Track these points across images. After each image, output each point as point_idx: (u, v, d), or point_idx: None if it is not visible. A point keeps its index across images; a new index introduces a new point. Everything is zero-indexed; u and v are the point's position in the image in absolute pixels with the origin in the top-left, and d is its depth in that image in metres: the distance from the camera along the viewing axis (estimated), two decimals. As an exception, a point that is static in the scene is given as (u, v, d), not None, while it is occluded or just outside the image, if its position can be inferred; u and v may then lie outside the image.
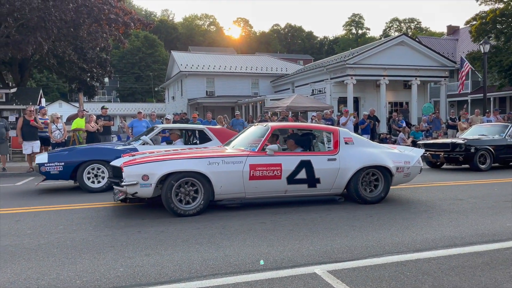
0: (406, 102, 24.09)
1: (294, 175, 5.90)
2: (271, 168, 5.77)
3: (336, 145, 6.27)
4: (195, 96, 30.28)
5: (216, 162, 5.60)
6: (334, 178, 6.12)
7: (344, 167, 6.12)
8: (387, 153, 6.57)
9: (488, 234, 4.56)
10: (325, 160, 6.09)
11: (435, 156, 11.47)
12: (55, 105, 47.60)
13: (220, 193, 5.65)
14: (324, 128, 6.91)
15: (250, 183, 5.71)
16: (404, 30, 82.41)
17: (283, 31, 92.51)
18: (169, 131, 9.57)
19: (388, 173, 6.37)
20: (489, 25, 25.03)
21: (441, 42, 37.01)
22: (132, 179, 5.36)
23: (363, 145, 6.50)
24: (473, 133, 12.47)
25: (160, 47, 68.50)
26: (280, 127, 7.24)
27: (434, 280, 3.23)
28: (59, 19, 16.02)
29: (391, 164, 6.37)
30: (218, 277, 3.33)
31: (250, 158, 5.75)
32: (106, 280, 3.28)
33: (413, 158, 6.73)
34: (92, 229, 4.88)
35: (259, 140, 6.08)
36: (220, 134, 8.86)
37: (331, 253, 3.92)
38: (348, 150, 6.25)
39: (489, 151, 10.96)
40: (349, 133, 6.66)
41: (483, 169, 10.82)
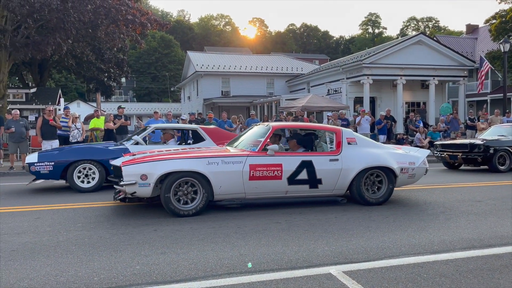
0: (423, 102, 23.77)
1: (295, 176, 5.83)
2: (271, 168, 5.72)
3: (338, 145, 6.19)
4: (210, 96, 30.43)
5: (216, 162, 5.55)
6: (336, 179, 6.04)
7: (346, 167, 6.04)
8: (391, 154, 6.46)
9: (507, 237, 4.47)
10: (327, 161, 6.02)
11: (453, 157, 11.29)
12: (73, 105, 48.36)
13: (220, 193, 5.61)
14: (327, 128, 6.86)
15: (250, 183, 5.66)
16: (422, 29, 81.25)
17: (298, 30, 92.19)
18: (162, 131, 9.48)
19: (392, 174, 6.26)
20: (510, 23, 24.55)
21: (460, 41, 36.38)
22: (131, 178, 5.35)
23: (366, 146, 6.40)
24: (492, 134, 12.23)
25: (176, 47, 69.04)
26: (282, 127, 7.17)
27: (452, 283, 3.18)
28: (78, 20, 16.30)
29: (395, 165, 6.26)
30: (233, 276, 3.35)
31: (250, 158, 5.71)
32: (123, 277, 3.32)
33: (418, 159, 6.60)
34: (110, 227, 4.96)
35: (260, 140, 6.03)
36: (213, 134, 8.79)
37: (347, 254, 3.90)
38: (351, 151, 6.16)
39: (509, 152, 10.76)
40: (352, 133, 6.56)
41: (503, 170, 10.62)
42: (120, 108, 13.80)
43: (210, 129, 9.22)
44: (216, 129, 9.49)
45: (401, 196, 7.05)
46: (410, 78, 22.02)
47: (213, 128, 9.61)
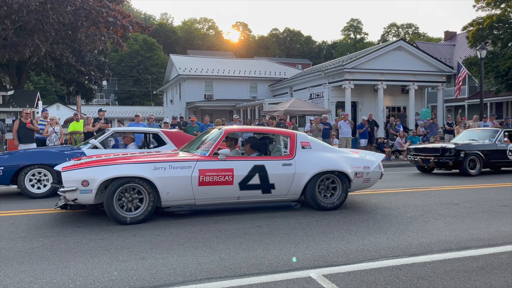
0: (403, 106, 24.17)
1: (247, 181, 5.70)
2: (222, 173, 5.56)
3: (292, 149, 6.10)
4: (193, 99, 30.30)
5: (163, 167, 5.36)
6: (290, 183, 5.94)
7: (300, 172, 5.95)
8: (346, 158, 6.41)
9: (483, 239, 4.56)
10: (280, 165, 5.90)
11: (425, 161, 11.45)
12: (53, 107, 47.59)
13: (167, 199, 5.40)
14: (281, 132, 6.80)
15: (199, 189, 5.48)
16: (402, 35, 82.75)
17: (281, 35, 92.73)
18: (122, 134, 9.16)
19: (346, 179, 6.21)
20: (486, 30, 25.17)
21: (439, 48, 37.16)
22: (71, 184, 5.12)
23: (321, 150, 6.32)
24: (463, 138, 12.46)
25: (159, 50, 68.59)
26: (234, 131, 6.94)
27: (429, 285, 3.22)
28: (57, 22, 16.04)
29: (349, 169, 6.22)
30: (213, 281, 3.32)
31: (200, 163, 5.54)
32: (100, 284, 3.26)
33: (373, 163, 6.57)
34: (87, 233, 4.86)
35: (212, 144, 5.89)
36: (175, 138, 8.53)
37: (327, 257, 3.91)
38: (305, 155, 6.08)
39: (479, 156, 10.92)
40: (306, 137, 6.44)
41: (473, 174, 10.79)
42: (100, 111, 13.61)
43: (172, 132, 8.93)
44: (179, 133, 9.15)
45: (381, 199, 7.12)
46: (390, 83, 22.38)
47: (176, 131, 9.27)
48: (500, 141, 11.48)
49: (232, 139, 6.66)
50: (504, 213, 5.98)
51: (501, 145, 11.37)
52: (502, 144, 11.43)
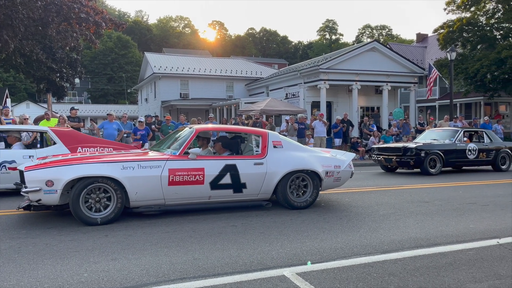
0: (377, 107, 24.61)
1: (218, 180, 5.65)
2: (192, 172, 5.50)
3: (264, 148, 6.08)
4: (168, 98, 29.96)
5: (131, 166, 5.26)
6: (261, 182, 5.93)
7: (271, 171, 5.94)
8: (317, 157, 6.43)
9: (452, 235, 4.69)
10: (251, 164, 5.89)
11: (388, 160, 11.61)
12: (22, 105, 46.12)
13: (136, 200, 5.31)
14: (253, 131, 6.78)
15: (169, 188, 5.41)
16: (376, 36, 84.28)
17: (258, 35, 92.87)
18: (6, 133, 8.65)
19: (317, 178, 6.24)
20: (456, 33, 25.93)
21: (411, 49, 38.03)
22: (34, 185, 4.93)
23: (292, 149, 6.33)
24: (425, 138, 12.68)
25: (133, 48, 67.48)
26: (205, 130, 6.87)
27: (400, 281, 3.29)
28: (27, 17, 15.52)
29: (320, 168, 6.25)
30: (186, 281, 3.28)
31: (169, 162, 5.47)
32: (69, 286, 3.17)
33: (344, 163, 6.61)
34: (57, 234, 4.73)
35: (182, 143, 5.81)
36: (65, 137, 7.98)
37: (301, 256, 3.93)
38: (276, 154, 6.08)
39: (439, 155, 11.13)
40: (278, 136, 6.45)
41: (433, 173, 10.98)
42: (72, 110, 13.30)
43: (63, 131, 8.33)
44: (71, 132, 8.55)
45: (354, 198, 7.23)
46: (364, 83, 22.73)
47: (68, 130, 8.70)
48: (460, 140, 11.73)
49: (204, 139, 6.59)
50: (472, 210, 6.17)
51: (460, 145, 11.61)
52: (462, 144, 11.68)
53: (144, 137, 12.83)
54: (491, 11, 25.83)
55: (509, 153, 12.32)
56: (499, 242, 4.42)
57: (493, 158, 12.07)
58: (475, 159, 11.79)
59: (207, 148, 6.58)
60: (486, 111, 29.81)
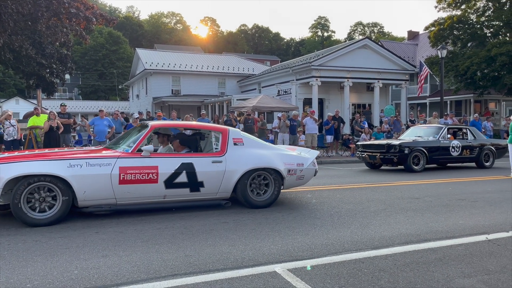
0: (368, 104, 24.73)
1: (173, 179, 5.45)
2: (145, 171, 5.29)
3: (223, 146, 5.90)
4: (160, 94, 29.81)
5: (79, 164, 5.02)
6: (220, 181, 5.74)
7: (230, 169, 5.76)
8: (280, 155, 6.26)
9: (442, 231, 4.74)
10: (209, 162, 5.70)
11: (372, 157, 11.55)
12: (12, 101, 45.65)
13: (84, 199, 5.08)
14: (212, 128, 6.61)
15: (120, 187, 5.19)
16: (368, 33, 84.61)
17: (250, 31, 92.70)
18: None
19: (279, 176, 6.08)
20: (447, 31, 26.08)
21: (402, 47, 38.23)
22: None
23: (253, 146, 6.15)
24: (410, 135, 12.65)
25: (124, 44, 67.00)
26: (162, 126, 6.60)
27: (390, 276, 3.32)
28: (16, 12, 15.32)
29: (282, 166, 6.09)
30: (178, 277, 3.28)
31: (120, 160, 5.25)
32: (59, 283, 3.15)
33: (307, 160, 6.45)
34: (46, 231, 4.69)
35: (136, 140, 5.62)
36: None
37: (292, 252, 3.95)
38: (236, 152, 5.91)
39: (423, 152, 11.13)
40: (239, 133, 6.26)
41: (417, 170, 10.98)
42: (62, 106, 13.17)
43: None
44: None
45: (346, 194, 7.27)
46: (356, 80, 22.82)
47: None
48: (444, 137, 11.72)
49: (164, 135, 6.38)
50: (461, 206, 6.23)
51: (444, 142, 11.61)
52: (445, 141, 11.67)
53: None
54: (482, 9, 26.03)
55: (493, 150, 12.33)
56: (488, 238, 4.47)
57: (477, 155, 12.08)
58: (459, 156, 11.81)
59: (168, 145, 6.36)
60: (476, 109, 30.10)
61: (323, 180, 9.35)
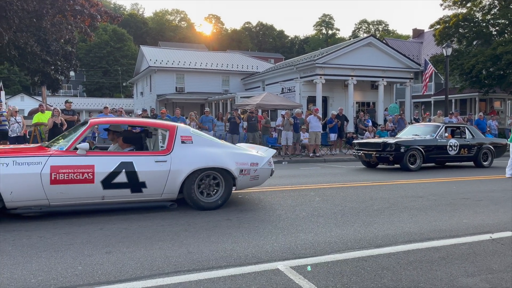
0: (373, 102, 24.66)
1: (111, 179, 5.14)
2: (80, 170, 4.98)
3: (170, 144, 5.58)
4: (164, 92, 29.86)
5: (5, 162, 4.73)
6: (164, 181, 5.41)
7: (175, 169, 5.44)
8: (232, 154, 5.92)
9: (445, 230, 4.72)
10: (152, 162, 5.38)
11: (368, 156, 11.38)
12: (17, 98, 45.86)
13: (12, 200, 4.76)
14: (159, 125, 6.25)
15: (53, 188, 4.88)
16: (372, 32, 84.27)
17: (254, 29, 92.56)
18: None
19: (230, 176, 5.76)
20: (452, 29, 25.94)
21: (407, 45, 38.06)
22: None
23: (204, 145, 5.82)
24: (408, 133, 12.46)
25: (129, 41, 67.09)
26: (102, 123, 6.25)
27: (393, 275, 3.31)
28: (21, 9, 15.38)
29: (233, 166, 5.75)
30: (181, 274, 3.29)
31: (52, 158, 4.95)
32: (63, 278, 3.17)
33: (262, 160, 6.11)
34: (52, 227, 4.72)
35: (73, 137, 5.33)
36: None
37: (295, 249, 3.95)
38: (183, 150, 5.59)
39: (419, 151, 10.96)
40: (189, 131, 5.93)
41: (413, 169, 10.81)
42: (67, 103, 13.24)
43: None
44: None
45: (349, 193, 7.26)
46: (360, 78, 22.76)
47: None
48: (441, 136, 11.51)
49: (114, 132, 6.16)
50: (465, 205, 6.21)
51: (441, 140, 11.41)
52: (443, 140, 11.47)
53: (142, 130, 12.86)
54: (487, 7, 25.86)
55: (491, 149, 12.11)
56: (492, 237, 4.45)
57: (475, 154, 11.87)
58: (457, 155, 11.61)
59: (117, 143, 6.12)
60: (481, 107, 29.95)
61: (327, 178, 9.35)
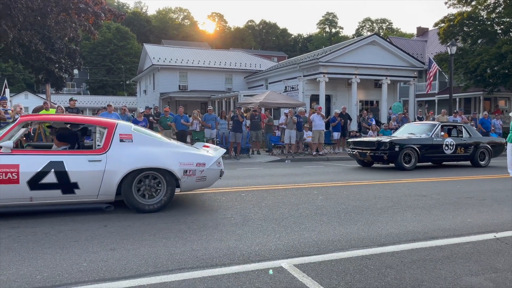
0: (376, 100, 24.60)
1: (38, 179, 4.88)
2: (2, 170, 4.75)
3: (107, 143, 5.29)
4: (167, 90, 29.90)
5: None
6: (99, 182, 5.13)
7: (111, 169, 5.15)
8: (175, 154, 5.61)
9: (449, 229, 4.72)
10: (85, 161, 5.10)
11: (363, 154, 11.24)
12: (21, 96, 46.06)
13: None
14: (97, 122, 5.85)
15: None
16: (376, 30, 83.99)
17: (257, 27, 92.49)
18: None
19: (172, 177, 5.47)
20: (457, 27, 25.85)
21: (411, 43, 37.94)
22: None
23: (145, 144, 5.52)
24: (403, 132, 12.31)
25: (132, 39, 67.21)
26: (32, 119, 6.06)
27: (397, 273, 3.31)
28: (26, 7, 15.43)
29: (175, 166, 5.44)
30: (185, 271, 3.30)
31: None
32: (68, 275, 3.19)
33: (210, 160, 5.77)
34: (56, 223, 4.74)
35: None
36: None
37: (298, 247, 3.95)
38: (121, 149, 5.30)
39: (414, 150, 10.82)
40: (129, 129, 5.59)
41: (408, 168, 10.67)
42: (71, 101, 13.29)
43: None
44: None
45: (352, 191, 7.26)
46: (364, 77, 22.69)
47: None
48: (437, 135, 11.36)
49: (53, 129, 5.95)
50: (470, 204, 6.20)
51: (437, 139, 11.25)
52: (438, 139, 11.29)
53: None
54: (492, 5, 25.75)
55: (489, 149, 11.95)
56: (496, 236, 4.44)
57: (472, 154, 11.72)
58: (453, 154, 11.46)
59: None
60: (486, 106, 29.83)
61: (330, 177, 9.35)
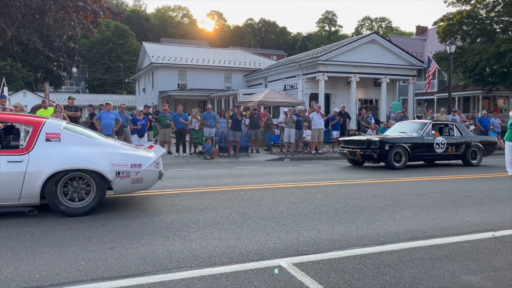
0: (375, 99, 24.58)
1: None
2: None
3: (31, 142, 4.98)
4: (166, 88, 29.85)
5: None
6: (20, 185, 4.83)
7: (33, 170, 4.86)
8: (107, 154, 5.31)
9: (448, 228, 4.72)
10: (4, 162, 4.80)
11: (353, 153, 11.17)
12: (19, 94, 45.94)
13: None
14: (21, 120, 5.40)
15: None
16: (376, 28, 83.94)
17: (257, 25, 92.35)
18: None
19: (102, 179, 5.18)
20: (456, 26, 25.81)
21: (410, 42, 37.90)
22: None
23: (74, 143, 5.22)
24: (394, 131, 12.21)
25: (131, 38, 67.07)
26: None
27: (395, 272, 3.31)
28: (24, 5, 15.37)
29: (106, 167, 5.14)
30: (183, 270, 3.30)
31: None
32: (67, 274, 3.19)
33: (147, 161, 5.47)
34: (54, 222, 4.74)
35: None
36: None
37: (297, 246, 3.95)
38: (46, 149, 5.01)
39: (405, 149, 10.72)
40: (58, 127, 5.28)
41: (398, 168, 10.60)
42: (70, 99, 13.25)
43: None
44: None
45: (351, 190, 7.26)
46: (363, 76, 22.67)
47: None
48: (428, 134, 11.28)
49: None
50: (468, 203, 6.20)
51: (428, 138, 11.15)
52: (429, 137, 11.21)
53: (144, 126, 12.98)
54: (491, 4, 25.70)
55: (480, 147, 11.85)
56: (495, 235, 4.45)
57: (463, 152, 11.63)
58: (444, 153, 11.36)
59: None
60: (485, 105, 29.84)
61: (329, 175, 9.34)
